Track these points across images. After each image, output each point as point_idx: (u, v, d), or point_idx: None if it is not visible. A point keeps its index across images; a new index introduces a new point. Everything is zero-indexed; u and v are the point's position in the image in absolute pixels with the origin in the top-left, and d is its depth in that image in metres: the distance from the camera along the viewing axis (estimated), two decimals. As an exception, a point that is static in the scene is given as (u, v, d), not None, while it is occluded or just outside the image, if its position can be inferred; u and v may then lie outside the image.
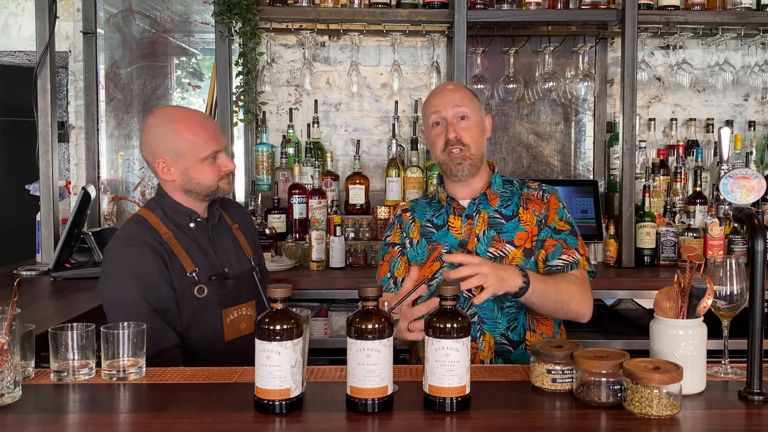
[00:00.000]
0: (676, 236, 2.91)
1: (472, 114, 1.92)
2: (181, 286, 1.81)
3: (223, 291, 1.88)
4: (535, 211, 1.94)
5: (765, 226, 2.05)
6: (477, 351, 1.85)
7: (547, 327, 1.92)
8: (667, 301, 1.44)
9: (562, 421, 1.30)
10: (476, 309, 1.86)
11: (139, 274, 1.77)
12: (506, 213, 1.94)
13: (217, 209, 1.99)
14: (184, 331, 1.82)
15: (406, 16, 3.02)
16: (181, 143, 1.84)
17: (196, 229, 1.91)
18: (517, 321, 1.87)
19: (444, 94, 1.95)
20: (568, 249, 1.88)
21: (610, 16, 2.96)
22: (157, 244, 1.81)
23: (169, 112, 1.91)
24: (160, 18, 3.49)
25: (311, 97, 3.38)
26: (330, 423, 1.25)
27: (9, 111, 3.49)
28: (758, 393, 1.33)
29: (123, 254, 1.81)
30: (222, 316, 1.86)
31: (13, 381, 1.32)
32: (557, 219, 1.92)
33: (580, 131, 3.45)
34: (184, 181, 1.87)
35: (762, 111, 3.43)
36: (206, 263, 1.87)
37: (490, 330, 1.86)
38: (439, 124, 1.93)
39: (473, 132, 1.91)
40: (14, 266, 2.91)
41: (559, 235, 1.90)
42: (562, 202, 1.96)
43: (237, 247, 2.01)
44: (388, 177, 3.19)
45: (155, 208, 1.90)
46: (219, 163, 1.89)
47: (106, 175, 3.47)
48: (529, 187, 2.00)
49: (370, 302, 1.29)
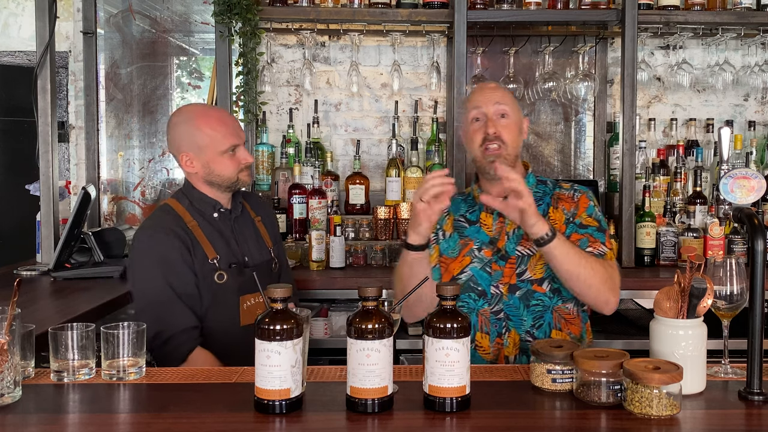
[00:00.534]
0: (676, 236, 2.91)
1: (512, 113, 1.94)
2: (203, 271, 1.94)
3: (242, 278, 1.99)
4: (564, 210, 1.95)
5: (765, 226, 2.05)
6: (502, 347, 1.89)
7: (575, 326, 1.93)
8: (667, 301, 1.44)
9: (562, 421, 1.30)
10: (503, 305, 1.89)
11: (163, 259, 1.91)
12: None
13: (240, 201, 2.12)
14: (204, 315, 1.95)
15: (406, 16, 3.02)
16: (202, 138, 1.98)
17: (219, 219, 2.05)
18: (543, 319, 1.89)
19: (485, 92, 1.98)
20: (594, 242, 1.88)
21: (610, 16, 2.96)
22: (182, 231, 1.95)
23: (191, 110, 2.07)
24: (160, 18, 3.49)
25: (311, 97, 3.38)
26: (330, 423, 1.25)
27: (9, 111, 3.49)
28: (758, 393, 1.33)
29: (149, 241, 1.95)
30: (239, 302, 1.98)
31: (13, 381, 1.32)
32: (585, 215, 1.94)
33: (580, 131, 3.45)
34: (206, 173, 2.01)
35: (762, 111, 3.43)
36: (227, 251, 2.00)
37: (515, 327, 1.89)
38: (479, 120, 1.94)
39: (512, 130, 1.93)
40: (14, 266, 2.91)
41: (585, 229, 1.91)
42: (593, 201, 1.98)
43: (258, 237, 2.13)
44: (388, 177, 3.19)
45: (182, 198, 2.05)
46: (238, 156, 2.02)
47: (106, 175, 3.47)
48: (561, 187, 2.02)
49: (370, 302, 1.29)
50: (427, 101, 3.40)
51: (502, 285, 1.89)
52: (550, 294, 1.89)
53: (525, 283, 1.89)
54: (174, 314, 1.88)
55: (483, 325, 1.91)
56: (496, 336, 1.90)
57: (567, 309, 1.91)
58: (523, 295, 1.88)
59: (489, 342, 1.91)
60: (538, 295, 1.88)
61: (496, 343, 1.90)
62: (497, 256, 1.92)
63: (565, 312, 1.91)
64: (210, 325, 1.95)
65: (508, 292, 1.89)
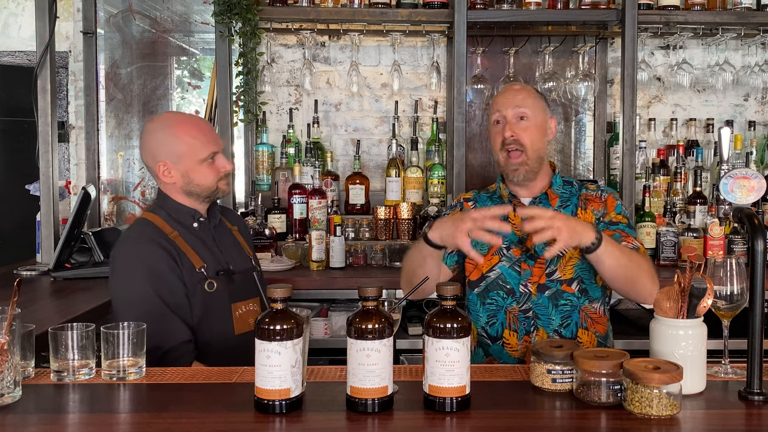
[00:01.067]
0: (676, 236, 2.91)
1: (533, 115, 1.94)
2: (191, 281, 1.86)
3: (231, 286, 1.93)
4: (593, 210, 1.96)
5: (765, 226, 2.05)
6: (530, 345, 1.88)
7: (601, 326, 1.94)
8: (667, 301, 1.44)
9: (562, 421, 1.30)
10: (531, 304, 1.90)
11: (150, 269, 1.82)
12: (565, 213, 1.95)
13: (217, 210, 2.05)
14: (196, 325, 1.86)
15: (406, 16, 3.02)
16: (180, 146, 1.90)
17: (199, 228, 1.97)
18: (571, 319, 1.91)
19: (507, 94, 1.98)
20: (627, 236, 1.89)
21: (610, 16, 2.96)
22: (165, 242, 1.86)
23: (168, 118, 2.00)
24: (160, 18, 3.49)
25: (311, 97, 3.38)
26: (330, 423, 1.25)
27: (9, 111, 3.49)
28: (758, 393, 1.33)
29: (133, 252, 1.86)
30: (231, 310, 1.92)
31: (13, 381, 1.32)
32: (614, 214, 1.95)
33: (580, 131, 3.45)
34: (184, 183, 1.92)
35: (762, 111, 3.43)
36: (213, 260, 1.93)
37: (543, 325, 1.90)
38: (499, 123, 1.96)
39: (531, 133, 1.92)
40: (14, 266, 2.91)
41: (615, 226, 1.92)
42: (619, 201, 2.00)
43: (238, 246, 2.07)
44: (388, 177, 3.19)
45: (158, 211, 1.95)
46: (217, 165, 1.94)
47: (106, 175, 3.47)
48: (587, 188, 2.02)
49: (370, 302, 1.29)
50: (427, 101, 3.40)
51: (531, 284, 1.91)
52: (578, 294, 1.91)
53: (554, 283, 1.90)
54: (168, 328, 1.78)
55: (511, 323, 1.92)
56: (524, 334, 1.91)
57: (593, 309, 1.93)
58: (552, 294, 1.90)
59: (517, 340, 1.91)
60: (567, 295, 1.90)
61: (524, 341, 1.91)
62: (526, 255, 1.93)
63: (592, 312, 1.92)
64: (204, 336, 1.87)
65: (537, 291, 1.90)
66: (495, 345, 1.95)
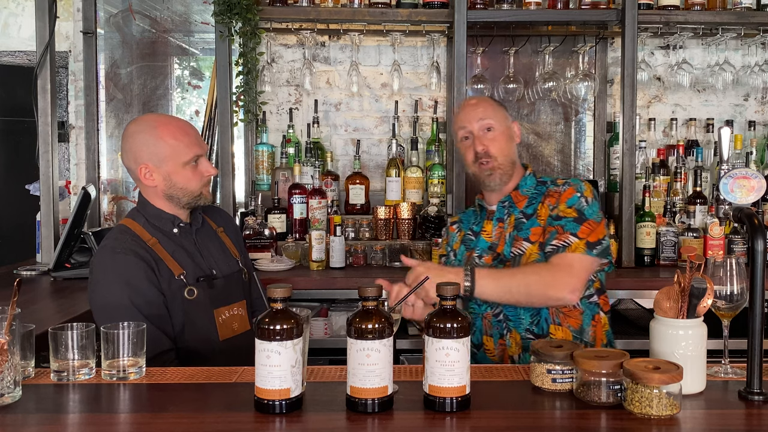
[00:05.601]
0: (676, 236, 2.91)
1: (497, 124, 1.98)
2: (171, 290, 1.83)
3: (212, 291, 1.90)
4: (549, 205, 1.96)
5: (765, 226, 2.05)
6: (506, 347, 1.92)
7: (574, 320, 1.92)
8: (667, 301, 1.44)
9: (562, 421, 1.30)
10: (502, 307, 1.92)
11: (127, 280, 1.78)
12: (528, 212, 1.97)
13: (200, 213, 2.01)
14: (179, 334, 1.84)
15: (406, 16, 3.02)
16: (164, 148, 1.86)
17: (180, 233, 1.93)
18: (539, 315, 1.91)
19: (467, 110, 2.02)
20: (562, 234, 1.86)
21: (610, 16, 2.96)
22: (143, 251, 1.83)
23: (151, 119, 1.94)
24: (160, 18, 3.49)
25: (311, 97, 3.38)
26: (330, 423, 1.25)
27: (9, 111, 3.49)
28: (758, 393, 1.33)
29: (110, 262, 1.82)
30: (214, 316, 1.89)
31: (13, 381, 1.32)
32: (564, 207, 1.92)
33: (580, 131, 3.45)
34: (166, 187, 1.89)
35: (762, 111, 3.43)
36: (193, 266, 1.89)
37: (515, 326, 1.92)
38: (468, 139, 2.01)
39: (500, 142, 1.98)
40: (14, 266, 2.91)
41: (558, 221, 1.90)
42: (580, 192, 1.93)
43: (223, 248, 2.03)
44: (388, 177, 3.19)
45: (137, 217, 1.92)
46: (201, 168, 1.91)
47: (106, 175, 3.47)
48: (556, 184, 1.99)
49: (370, 302, 1.29)
50: (427, 101, 3.40)
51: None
52: None
53: None
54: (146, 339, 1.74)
55: (487, 328, 1.95)
56: (499, 337, 1.93)
57: None
58: None
59: (494, 344, 1.94)
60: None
61: (500, 344, 1.93)
62: (497, 261, 1.95)
63: (562, 306, 1.90)
64: (188, 343, 1.84)
65: None
66: (479, 353, 1.97)
